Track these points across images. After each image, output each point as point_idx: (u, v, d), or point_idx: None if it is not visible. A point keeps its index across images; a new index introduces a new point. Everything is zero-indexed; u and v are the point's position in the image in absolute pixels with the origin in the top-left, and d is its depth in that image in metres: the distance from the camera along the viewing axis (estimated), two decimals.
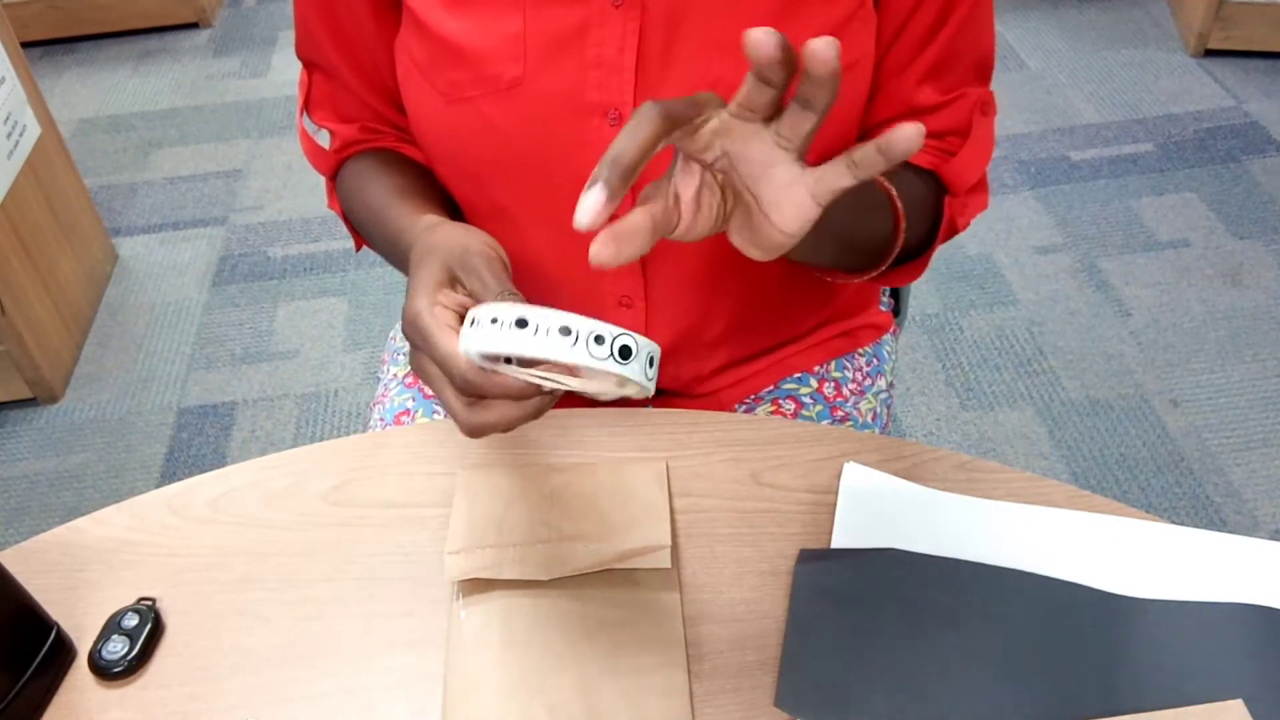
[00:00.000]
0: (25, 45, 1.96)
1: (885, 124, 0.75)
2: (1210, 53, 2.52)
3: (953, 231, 0.77)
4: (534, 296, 0.81)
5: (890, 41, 0.71)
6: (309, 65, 0.80)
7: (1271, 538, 0.91)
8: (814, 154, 0.70)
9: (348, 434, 1.76)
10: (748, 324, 0.83)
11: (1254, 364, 1.79)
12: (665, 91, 0.67)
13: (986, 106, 0.75)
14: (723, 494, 0.68)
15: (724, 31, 0.65)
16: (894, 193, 0.69)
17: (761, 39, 0.44)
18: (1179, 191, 2.16)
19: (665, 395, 0.89)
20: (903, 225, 0.69)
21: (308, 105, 0.82)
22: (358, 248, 0.87)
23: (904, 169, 0.74)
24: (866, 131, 0.76)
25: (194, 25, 2.94)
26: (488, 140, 0.70)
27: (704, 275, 0.76)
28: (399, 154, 0.81)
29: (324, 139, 0.82)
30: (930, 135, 0.75)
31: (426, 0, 0.68)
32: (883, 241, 0.70)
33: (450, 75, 0.69)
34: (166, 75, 2.77)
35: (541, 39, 0.66)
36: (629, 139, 0.47)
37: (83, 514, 0.68)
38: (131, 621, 0.61)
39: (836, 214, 0.54)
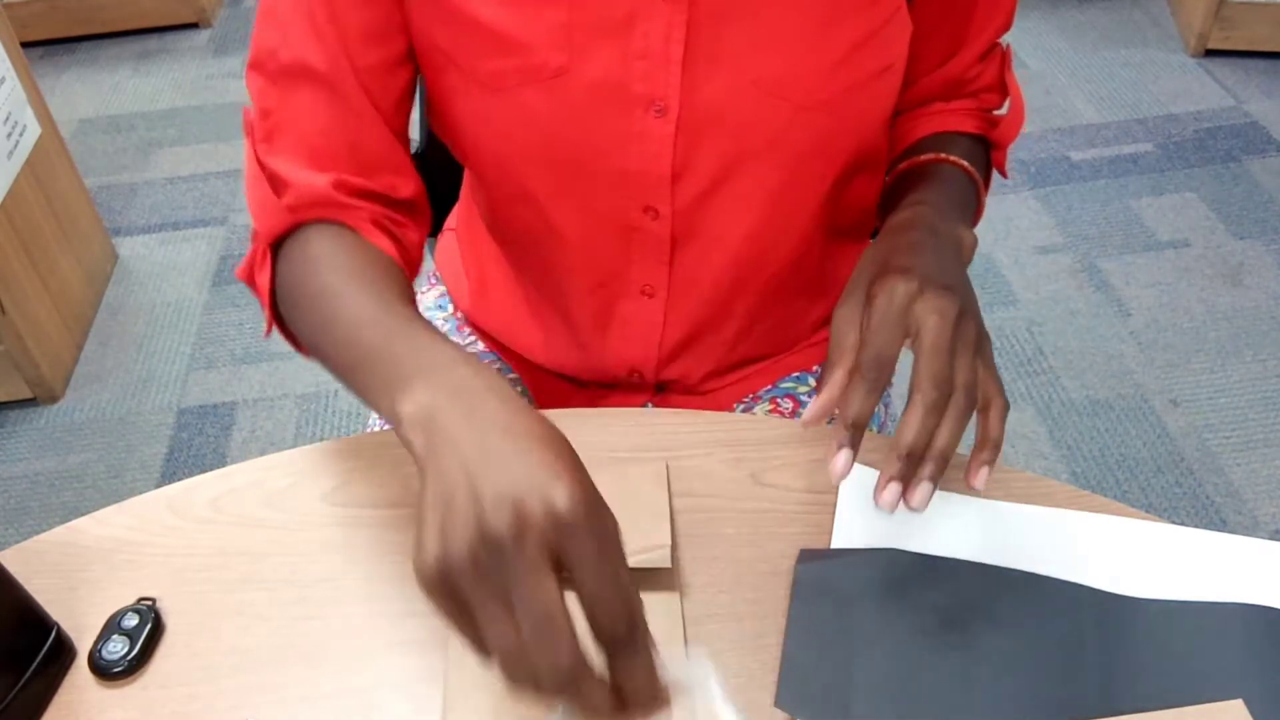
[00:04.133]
0: (25, 45, 1.96)
1: (939, 93, 0.79)
2: (1210, 53, 2.52)
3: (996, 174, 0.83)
4: (558, 279, 0.80)
5: (958, 36, 0.74)
6: (276, 76, 0.67)
7: (1271, 538, 0.91)
8: (847, 149, 0.72)
9: (348, 434, 1.76)
10: (764, 322, 0.83)
11: (1254, 364, 1.79)
12: (710, 86, 0.66)
13: (1007, 59, 0.79)
14: (723, 494, 0.68)
15: (771, 27, 0.65)
16: (975, 176, 0.75)
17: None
18: (1179, 191, 2.16)
19: (670, 393, 0.89)
20: (982, 200, 0.76)
21: (269, 131, 0.67)
22: (269, 332, 0.71)
23: (961, 138, 0.78)
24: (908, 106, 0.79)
25: (194, 25, 2.94)
26: (527, 129, 0.69)
27: (728, 270, 0.77)
28: (371, 249, 0.67)
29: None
30: (969, 93, 0.79)
31: None
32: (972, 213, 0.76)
33: (491, 64, 0.67)
34: (166, 75, 2.77)
35: (587, 28, 0.65)
36: (867, 403, 0.56)
37: (83, 514, 0.68)
38: (131, 621, 0.61)
39: (945, 201, 0.68)
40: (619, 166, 0.70)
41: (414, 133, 0.77)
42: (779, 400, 0.87)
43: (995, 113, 0.81)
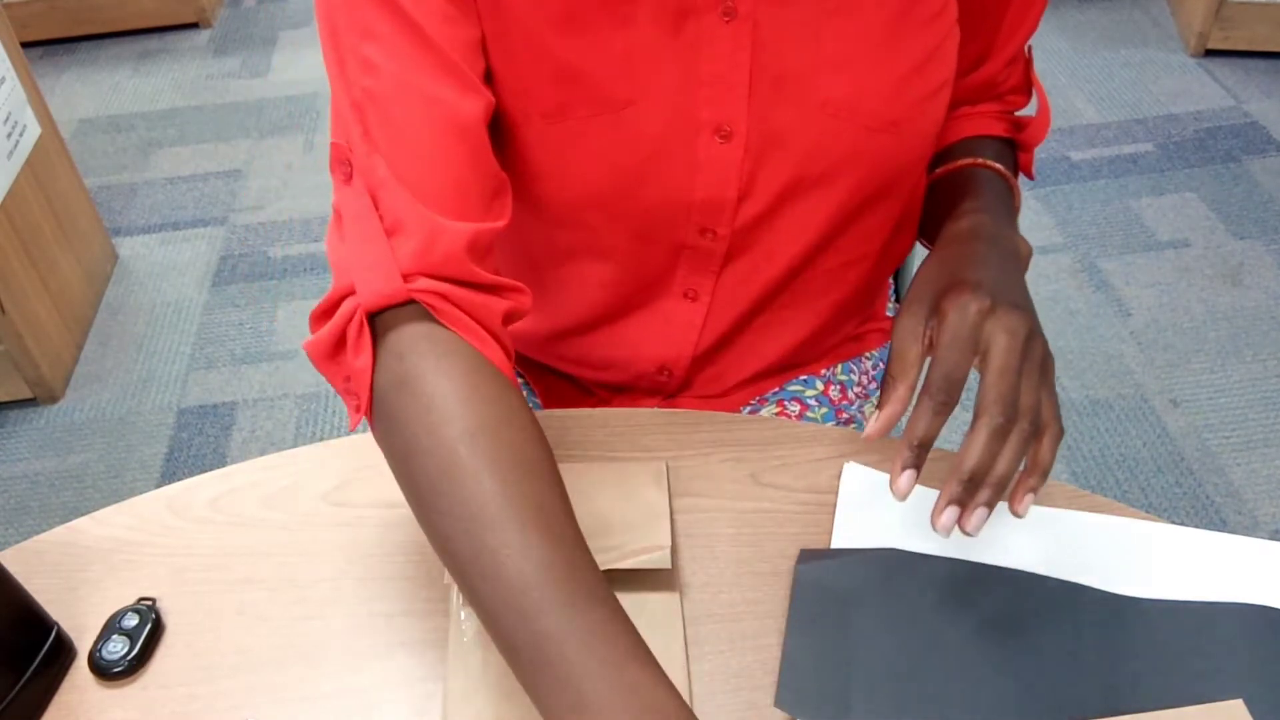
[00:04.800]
0: (25, 45, 1.96)
1: (967, 97, 0.78)
2: (1210, 53, 2.52)
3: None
4: (593, 289, 0.78)
5: (988, 41, 0.74)
6: (363, 103, 0.58)
7: (1271, 538, 0.91)
8: (902, 166, 0.71)
9: (348, 434, 1.76)
10: (799, 332, 0.83)
11: (1254, 364, 1.79)
12: (778, 110, 0.66)
13: (1031, 63, 0.79)
14: (723, 494, 0.68)
15: (836, 48, 0.64)
16: (1011, 179, 0.74)
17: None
18: (1179, 191, 2.16)
19: (680, 397, 0.88)
20: (1018, 203, 0.75)
21: (370, 153, 0.57)
22: (355, 424, 0.57)
23: (990, 141, 0.78)
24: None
25: (194, 25, 2.94)
26: (591, 160, 0.67)
27: (776, 278, 0.76)
28: (497, 390, 0.55)
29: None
30: (996, 95, 0.79)
31: (527, 18, 0.63)
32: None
33: (557, 95, 0.65)
34: (166, 75, 2.77)
35: (651, 56, 0.64)
36: (935, 423, 0.55)
37: (83, 514, 0.68)
38: (131, 621, 0.61)
39: (995, 208, 0.67)
40: (682, 195, 0.69)
41: None
42: (785, 403, 0.86)
43: (1021, 114, 0.81)
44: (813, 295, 0.80)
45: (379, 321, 0.56)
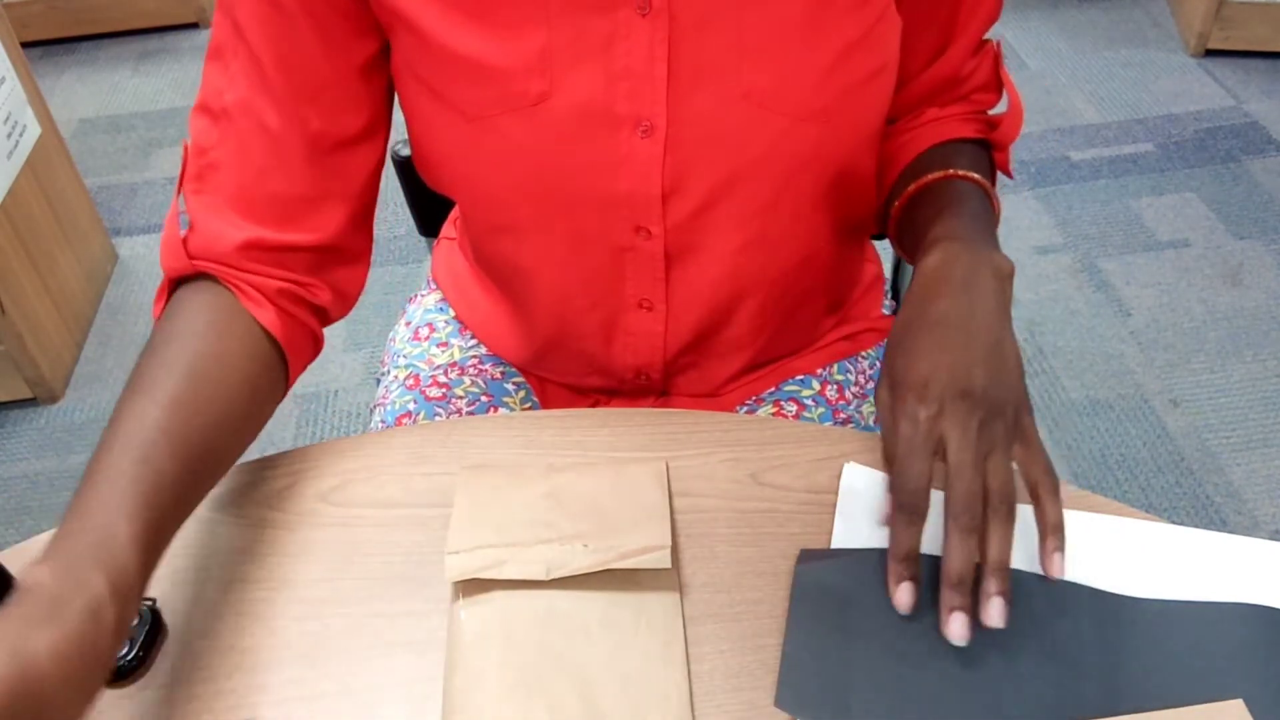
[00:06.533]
0: (25, 45, 1.95)
1: (932, 94, 0.77)
2: (1210, 53, 2.52)
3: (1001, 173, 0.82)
4: (550, 302, 0.79)
5: (946, 29, 0.73)
6: (219, 115, 0.67)
7: (1271, 538, 0.91)
8: (842, 156, 0.71)
9: (348, 434, 1.75)
10: (774, 325, 0.83)
11: (1254, 364, 1.79)
12: (697, 101, 0.65)
13: (999, 55, 0.77)
14: (723, 494, 0.68)
15: (757, 37, 0.64)
16: (988, 187, 0.73)
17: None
18: (1179, 191, 2.16)
19: (675, 395, 0.89)
20: (998, 210, 0.74)
21: (201, 170, 0.67)
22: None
23: (964, 146, 0.76)
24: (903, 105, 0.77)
25: (194, 25, 2.94)
26: (510, 159, 0.68)
27: (726, 279, 0.76)
28: (237, 332, 0.67)
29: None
30: (962, 95, 0.78)
31: (441, 17, 0.64)
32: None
33: (470, 93, 0.66)
34: (166, 75, 2.77)
35: (567, 51, 0.64)
36: (908, 534, 0.57)
37: None
38: (131, 622, 0.61)
39: (971, 226, 0.65)
40: (607, 190, 0.69)
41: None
42: (782, 403, 0.86)
43: (993, 112, 0.79)
44: (774, 298, 0.79)
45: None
